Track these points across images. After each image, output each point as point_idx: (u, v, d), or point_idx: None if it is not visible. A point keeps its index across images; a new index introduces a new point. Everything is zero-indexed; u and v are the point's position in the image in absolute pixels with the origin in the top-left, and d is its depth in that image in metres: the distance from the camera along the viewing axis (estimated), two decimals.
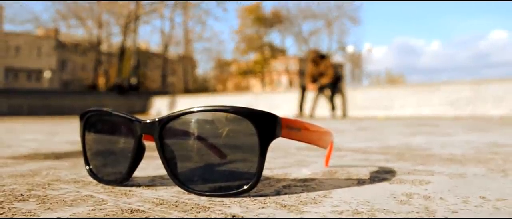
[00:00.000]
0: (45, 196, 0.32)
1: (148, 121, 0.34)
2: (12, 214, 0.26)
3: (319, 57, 4.25)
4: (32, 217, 0.26)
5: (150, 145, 0.37)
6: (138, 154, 0.35)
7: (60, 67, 20.29)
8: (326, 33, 18.21)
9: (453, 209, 0.27)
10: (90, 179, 0.40)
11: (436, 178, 0.40)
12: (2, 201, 0.30)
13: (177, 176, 0.33)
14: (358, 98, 4.97)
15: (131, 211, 0.27)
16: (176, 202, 0.30)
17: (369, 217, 0.25)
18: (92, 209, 0.28)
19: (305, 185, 0.37)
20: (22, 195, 0.33)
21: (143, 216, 0.26)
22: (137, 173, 0.43)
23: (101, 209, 0.28)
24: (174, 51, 18.52)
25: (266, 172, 0.44)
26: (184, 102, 7.76)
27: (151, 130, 0.33)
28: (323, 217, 0.25)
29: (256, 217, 0.25)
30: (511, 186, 0.35)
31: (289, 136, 0.33)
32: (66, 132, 1.47)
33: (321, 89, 4.19)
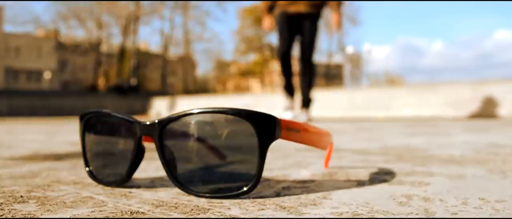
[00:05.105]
0: (45, 197, 0.32)
1: (148, 123, 0.34)
2: (12, 216, 0.26)
3: None
4: (32, 218, 0.26)
5: (150, 146, 0.37)
6: (138, 156, 0.35)
7: (60, 68, 20.29)
8: (325, 34, 18.22)
9: (452, 211, 0.27)
10: (90, 180, 0.40)
11: (436, 179, 0.40)
12: (1, 203, 0.30)
13: (176, 177, 0.33)
14: (358, 99, 4.96)
15: (130, 212, 0.27)
16: (176, 203, 0.30)
17: (369, 218, 0.25)
18: (92, 211, 0.28)
19: (305, 186, 0.37)
20: (22, 196, 0.33)
21: (143, 218, 0.26)
22: (137, 175, 0.43)
23: (101, 210, 0.28)
24: (174, 52, 18.54)
25: (265, 173, 0.44)
26: (184, 103, 7.76)
27: (151, 131, 0.33)
28: (322, 218, 0.26)
29: (256, 218, 0.26)
30: (510, 187, 0.35)
31: (288, 138, 0.33)
32: (66, 133, 1.47)
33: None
